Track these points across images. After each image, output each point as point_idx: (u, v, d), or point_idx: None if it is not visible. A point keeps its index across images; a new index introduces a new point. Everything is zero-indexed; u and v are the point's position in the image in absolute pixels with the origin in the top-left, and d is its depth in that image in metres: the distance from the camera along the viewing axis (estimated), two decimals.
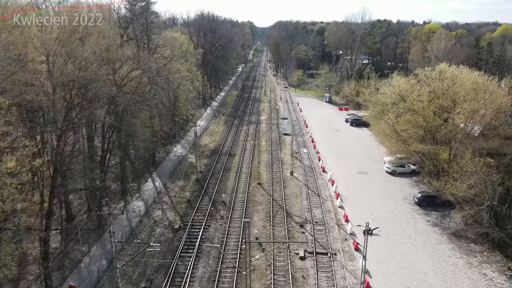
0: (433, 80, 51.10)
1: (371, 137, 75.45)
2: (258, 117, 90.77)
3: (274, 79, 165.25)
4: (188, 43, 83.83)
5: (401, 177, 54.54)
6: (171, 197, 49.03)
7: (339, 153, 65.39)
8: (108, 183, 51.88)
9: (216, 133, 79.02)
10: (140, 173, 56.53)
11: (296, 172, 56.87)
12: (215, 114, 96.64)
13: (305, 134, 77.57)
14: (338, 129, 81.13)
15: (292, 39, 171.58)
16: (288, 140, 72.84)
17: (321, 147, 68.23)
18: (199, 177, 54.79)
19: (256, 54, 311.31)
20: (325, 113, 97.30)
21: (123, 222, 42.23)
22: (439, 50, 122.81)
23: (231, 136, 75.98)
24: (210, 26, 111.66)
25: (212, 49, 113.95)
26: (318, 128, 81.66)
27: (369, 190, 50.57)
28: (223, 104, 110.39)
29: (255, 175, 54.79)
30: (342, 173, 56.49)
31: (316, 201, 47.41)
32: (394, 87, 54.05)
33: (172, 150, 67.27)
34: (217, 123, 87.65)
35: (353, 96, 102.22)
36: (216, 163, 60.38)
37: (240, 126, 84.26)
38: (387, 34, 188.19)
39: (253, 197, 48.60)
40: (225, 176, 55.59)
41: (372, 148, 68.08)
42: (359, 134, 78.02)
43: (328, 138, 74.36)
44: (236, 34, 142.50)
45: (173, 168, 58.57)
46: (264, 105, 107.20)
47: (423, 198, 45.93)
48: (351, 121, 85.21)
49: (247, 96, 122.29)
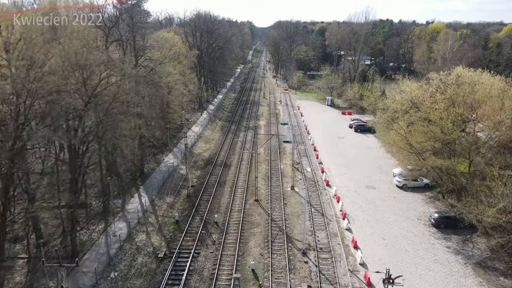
0: (449, 85, 45.93)
1: (377, 144, 70.26)
2: (256, 123, 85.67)
3: (273, 80, 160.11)
4: (182, 44, 78.48)
5: (413, 192, 49.38)
6: (158, 216, 43.85)
7: (344, 163, 60.26)
8: (90, 200, 46.94)
9: (211, 140, 73.86)
10: (126, 187, 51.42)
11: (297, 187, 51.73)
12: (211, 118, 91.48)
13: (306, 141, 72.40)
14: (341, 136, 75.96)
15: (292, 39, 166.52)
16: (289, 148, 67.72)
17: (324, 157, 63.09)
18: (191, 193, 49.63)
19: (255, 55, 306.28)
20: (327, 117, 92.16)
21: (100, 249, 37.06)
22: (446, 51, 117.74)
23: (227, 143, 70.83)
24: (207, 26, 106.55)
25: (209, 50, 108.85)
26: (320, 134, 76.52)
27: (378, 208, 45.42)
28: (220, 107, 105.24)
29: (252, 190, 49.66)
30: (348, 187, 51.36)
31: (320, 222, 42.25)
32: (406, 94, 48.84)
33: (163, 160, 62.12)
34: (213, 129, 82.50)
35: (356, 99, 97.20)
36: (210, 176, 55.22)
37: (237, 132, 79.11)
38: (390, 34, 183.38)
39: (249, 217, 43.44)
40: (219, 191, 50.43)
41: (380, 158, 62.92)
42: (364, 141, 72.85)
43: (332, 146, 69.21)
44: (234, 34, 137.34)
45: (163, 181, 53.44)
46: (263, 109, 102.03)
47: (441, 219, 40.76)
48: (355, 127, 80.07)
49: (245, 99, 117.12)
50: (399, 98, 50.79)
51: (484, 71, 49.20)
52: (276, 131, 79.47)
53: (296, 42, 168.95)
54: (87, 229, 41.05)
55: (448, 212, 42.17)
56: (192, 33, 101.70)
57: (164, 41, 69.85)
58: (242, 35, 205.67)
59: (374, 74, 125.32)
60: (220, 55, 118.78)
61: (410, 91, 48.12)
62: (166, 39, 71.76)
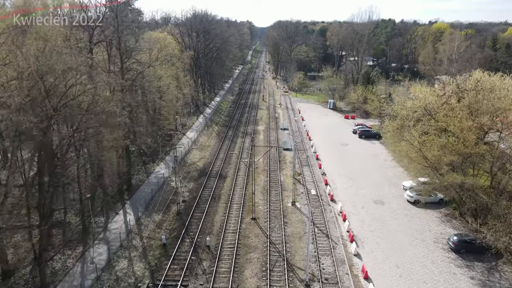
0: (468, 91, 41.31)
1: (384, 152, 65.69)
2: (254, 128, 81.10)
3: (273, 82, 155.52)
4: (175, 45, 73.79)
5: (426, 209, 44.75)
6: (143, 238, 39.22)
7: (349, 174, 55.65)
8: (70, 218, 42.34)
9: (206, 148, 69.20)
10: (111, 201, 46.84)
11: (299, 202, 47.11)
12: (207, 123, 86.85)
13: (308, 149, 67.76)
14: (345, 143, 71.31)
15: (292, 39, 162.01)
16: (289, 156, 63.12)
17: (327, 167, 58.47)
18: (181, 209, 45.00)
19: (255, 55, 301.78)
20: (329, 122, 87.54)
21: (74, 280, 32.45)
22: (452, 52, 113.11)
23: (224, 151, 66.19)
24: (203, 26, 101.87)
25: (206, 50, 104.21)
26: (323, 141, 71.89)
27: (389, 228, 40.80)
28: (217, 111, 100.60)
29: (249, 206, 45.05)
30: (355, 202, 46.75)
31: (325, 245, 37.64)
32: (419, 100, 44.16)
33: (153, 170, 57.49)
34: (209, 135, 77.85)
35: (360, 103, 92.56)
36: (204, 189, 50.60)
37: (235, 138, 74.46)
38: (393, 34, 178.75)
39: (245, 239, 38.81)
40: (212, 207, 45.79)
41: (387, 168, 58.31)
42: (370, 149, 68.20)
43: (335, 155, 64.57)
44: (232, 34, 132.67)
45: (152, 195, 48.83)
46: (262, 113, 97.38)
47: (461, 243, 36.16)
48: (359, 133, 75.41)
49: (244, 102, 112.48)
50: (410, 105, 46.14)
51: (506, 75, 44.71)
52: (275, 137, 74.85)
53: (297, 42, 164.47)
54: (62, 254, 36.43)
55: (469, 234, 37.56)
56: (187, 33, 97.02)
57: (155, 42, 65.34)
58: (241, 35, 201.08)
59: (378, 76, 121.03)
60: (217, 56, 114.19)
61: (424, 98, 43.43)
62: (158, 39, 67.09)
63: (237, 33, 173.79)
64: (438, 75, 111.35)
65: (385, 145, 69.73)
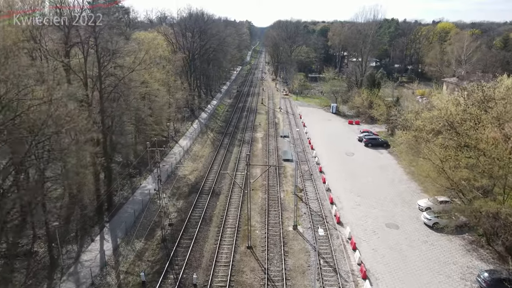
0: (497, 101, 35.70)
1: (393, 162, 60.10)
2: (252, 135, 75.47)
3: (273, 84, 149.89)
4: (166, 46, 68.10)
5: (448, 234, 39.06)
6: (120, 273, 33.58)
7: (356, 190, 50.05)
8: (38, 247, 36.77)
9: (200, 158, 63.57)
10: (89, 225, 41.26)
11: (301, 225, 41.49)
12: (202, 129, 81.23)
13: (310, 159, 62.11)
14: (351, 152, 65.67)
15: (292, 39, 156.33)
16: (290, 168, 57.57)
17: (332, 181, 52.85)
18: (167, 235, 39.40)
19: (254, 55, 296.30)
20: (333, 128, 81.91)
21: None
22: (461, 53, 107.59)
23: (218, 162, 60.57)
24: (199, 25, 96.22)
25: (201, 52, 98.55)
26: (326, 150, 66.28)
27: (407, 260, 35.17)
28: (213, 116, 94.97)
29: (245, 231, 39.40)
30: (365, 226, 41.13)
31: (332, 283, 32.02)
32: (439, 110, 38.45)
33: (139, 185, 51.93)
34: (203, 143, 72.20)
35: (365, 107, 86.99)
36: (194, 209, 44.98)
37: (231, 147, 68.80)
38: (396, 34, 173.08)
39: (239, 275, 33.18)
40: (203, 232, 40.17)
41: (399, 182, 52.69)
42: (378, 159, 62.56)
43: (340, 166, 58.93)
44: (230, 34, 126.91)
45: (136, 215, 43.23)
46: (261, 118, 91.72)
47: (494, 282, 30.54)
48: (366, 141, 69.70)
49: (242, 105, 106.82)
50: (427, 116, 40.46)
51: None
52: (275, 146, 69.18)
53: (297, 42, 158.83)
54: None
55: (502, 271, 31.93)
56: (182, 33, 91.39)
57: (143, 43, 59.79)
58: (240, 35, 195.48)
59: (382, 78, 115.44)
60: (214, 57, 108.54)
61: (446, 108, 37.74)
62: (146, 40, 61.44)
63: (236, 33, 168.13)
64: (446, 77, 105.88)
65: (394, 155, 64.23)
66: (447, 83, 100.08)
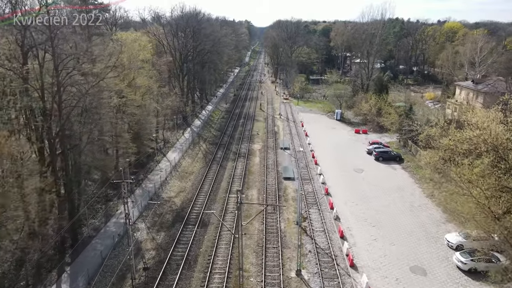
0: None
1: (409, 181, 52.51)
2: (249, 147, 67.80)
3: (272, 87, 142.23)
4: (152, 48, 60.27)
5: (488, 284, 31.44)
6: None
7: (370, 219, 42.42)
8: None
9: (189, 175, 55.94)
10: (45, 268, 33.68)
11: (305, 269, 33.83)
12: (194, 139, 73.61)
13: (314, 177, 54.46)
14: (360, 168, 58.03)
15: (293, 40, 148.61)
16: (291, 189, 49.99)
17: (341, 206, 45.22)
18: (139, 285, 31.71)
19: (253, 56, 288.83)
20: (338, 138, 74.23)
21: None
22: (474, 54, 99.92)
23: (210, 180, 52.95)
24: (193, 25, 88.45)
25: (194, 53, 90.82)
26: (332, 165, 58.66)
27: None
28: (207, 123, 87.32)
29: (237, 278, 31.70)
30: (385, 270, 33.46)
31: None
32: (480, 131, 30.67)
33: (116, 212, 44.31)
34: (194, 156, 64.53)
35: (373, 115, 79.33)
36: (177, 244, 37.34)
37: (224, 161, 61.15)
38: (401, 34, 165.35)
39: None
40: (185, 279, 32.46)
41: (419, 208, 45.04)
42: (391, 177, 54.93)
43: (349, 187, 51.30)
44: (226, 34, 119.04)
45: (106, 253, 35.58)
46: (259, 126, 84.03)
47: None
48: (376, 154, 62.00)
49: (239, 111, 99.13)
50: (462, 136, 32.63)
51: None
52: (274, 160, 61.49)
53: (298, 43, 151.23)
54: None
55: None
56: (173, 33, 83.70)
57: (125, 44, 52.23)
58: (238, 35, 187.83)
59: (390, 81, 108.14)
60: (209, 59, 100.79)
61: (489, 128, 29.98)
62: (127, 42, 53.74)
63: (233, 33, 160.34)
64: (457, 80, 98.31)
65: (409, 171, 56.70)
66: (461, 87, 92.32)
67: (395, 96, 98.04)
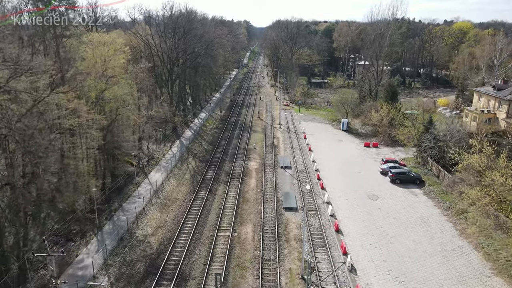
0: None
1: (435, 213, 43.66)
2: (244, 165, 58.95)
3: (271, 91, 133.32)
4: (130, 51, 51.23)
5: None
6: None
7: (394, 269, 33.55)
8: None
9: (172, 203, 47.09)
10: None
11: None
12: (182, 155, 64.76)
13: (321, 206, 45.57)
14: (374, 194, 49.19)
15: (294, 41, 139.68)
16: (294, 224, 41.19)
17: (356, 250, 36.37)
18: None
19: (252, 57, 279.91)
20: (346, 153, 65.33)
21: None
22: (494, 57, 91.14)
23: (196, 211, 44.14)
24: (183, 25, 79.54)
25: (185, 56, 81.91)
26: (341, 190, 49.87)
27: None
28: (199, 134, 78.45)
29: None
30: None
31: None
32: None
33: (75, 258, 35.41)
34: (180, 176, 55.67)
35: (385, 126, 70.43)
36: None
37: (215, 184, 52.31)
38: (408, 35, 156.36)
39: None
40: None
41: (453, 251, 36.16)
42: (413, 206, 45.99)
43: (363, 220, 42.44)
44: (220, 35, 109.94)
45: None
46: (257, 138, 75.10)
47: None
48: (392, 176, 53.03)
49: (235, 120, 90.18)
50: None
51: None
52: (273, 182, 52.63)
53: (298, 44, 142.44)
54: None
55: None
56: (159, 34, 74.88)
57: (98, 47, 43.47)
58: (236, 36, 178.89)
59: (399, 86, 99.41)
60: (202, 63, 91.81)
61: None
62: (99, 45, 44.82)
63: (231, 33, 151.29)
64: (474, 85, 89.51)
65: (432, 198, 47.98)
66: (480, 93, 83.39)
67: (404, 102, 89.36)
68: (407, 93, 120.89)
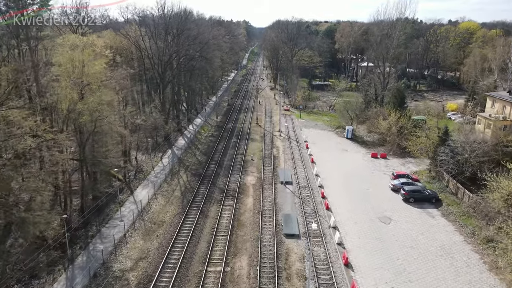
0: None
1: (457, 238, 38.18)
2: (240, 180, 53.42)
3: (271, 94, 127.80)
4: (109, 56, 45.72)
5: None
6: None
7: None
8: None
9: (157, 228, 41.56)
10: None
11: None
12: (173, 167, 59.28)
13: (326, 232, 40.01)
14: (386, 216, 43.65)
15: (294, 42, 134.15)
16: (296, 255, 35.66)
17: None
18: None
19: (252, 58, 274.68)
20: (352, 166, 59.78)
21: None
22: (507, 60, 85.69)
23: (184, 238, 38.60)
24: (175, 26, 74.00)
25: (178, 59, 76.37)
26: (348, 210, 44.36)
27: None
28: (193, 143, 72.96)
29: None
30: None
31: None
32: None
33: None
34: (169, 194, 50.15)
35: (393, 135, 64.93)
36: None
37: (207, 204, 46.76)
38: (412, 35, 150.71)
39: None
40: None
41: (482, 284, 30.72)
42: (433, 231, 40.41)
43: (376, 249, 36.89)
44: (216, 36, 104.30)
45: None
46: (255, 148, 69.52)
47: None
48: (406, 194, 47.39)
49: (231, 127, 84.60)
50: None
51: None
52: (272, 201, 47.10)
53: (299, 45, 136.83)
54: None
55: None
56: (149, 36, 69.38)
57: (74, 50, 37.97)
58: (234, 36, 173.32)
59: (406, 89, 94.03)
60: (198, 66, 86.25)
61: None
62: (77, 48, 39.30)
63: (228, 34, 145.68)
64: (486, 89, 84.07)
65: (451, 220, 42.54)
66: (493, 98, 77.87)
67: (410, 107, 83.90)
68: (412, 96, 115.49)
